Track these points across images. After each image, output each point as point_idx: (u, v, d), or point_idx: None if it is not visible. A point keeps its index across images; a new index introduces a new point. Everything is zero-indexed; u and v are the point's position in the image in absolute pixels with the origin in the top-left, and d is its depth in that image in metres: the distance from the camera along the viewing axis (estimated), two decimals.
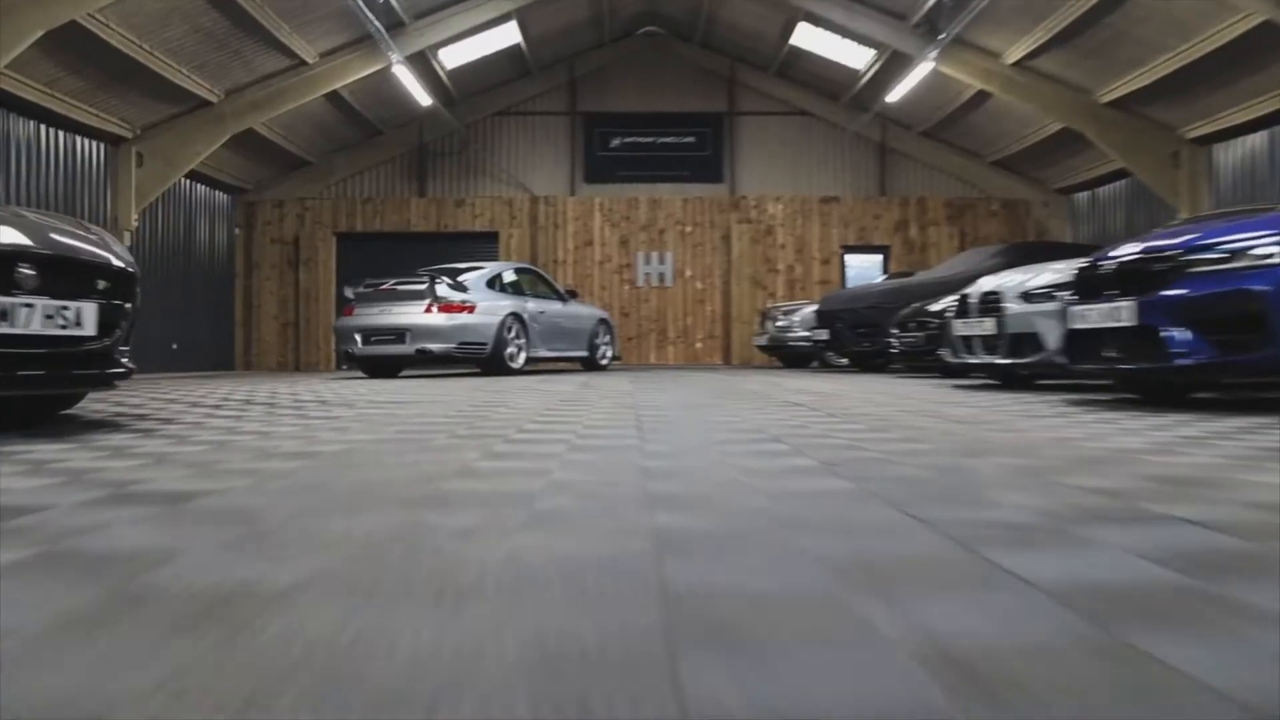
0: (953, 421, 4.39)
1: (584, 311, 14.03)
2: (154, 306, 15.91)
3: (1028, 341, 7.03)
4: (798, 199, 19.94)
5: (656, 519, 1.91)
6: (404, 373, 12.58)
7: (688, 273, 19.82)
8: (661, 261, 19.76)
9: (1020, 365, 7.24)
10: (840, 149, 20.32)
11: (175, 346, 16.59)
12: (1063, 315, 6.03)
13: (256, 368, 19.20)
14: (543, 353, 12.58)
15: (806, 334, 14.62)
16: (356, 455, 3.16)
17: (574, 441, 3.48)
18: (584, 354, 13.72)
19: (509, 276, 12.71)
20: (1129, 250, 5.49)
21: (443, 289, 11.25)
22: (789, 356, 16.48)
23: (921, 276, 13.07)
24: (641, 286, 19.73)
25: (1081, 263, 6.02)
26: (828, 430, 3.93)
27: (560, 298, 13.54)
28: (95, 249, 4.23)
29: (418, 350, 11.09)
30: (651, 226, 19.81)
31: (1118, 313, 5.22)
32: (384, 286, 11.56)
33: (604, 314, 14.59)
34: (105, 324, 4.11)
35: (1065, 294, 6.27)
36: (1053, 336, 6.60)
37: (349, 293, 11.83)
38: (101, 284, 4.13)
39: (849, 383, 9.19)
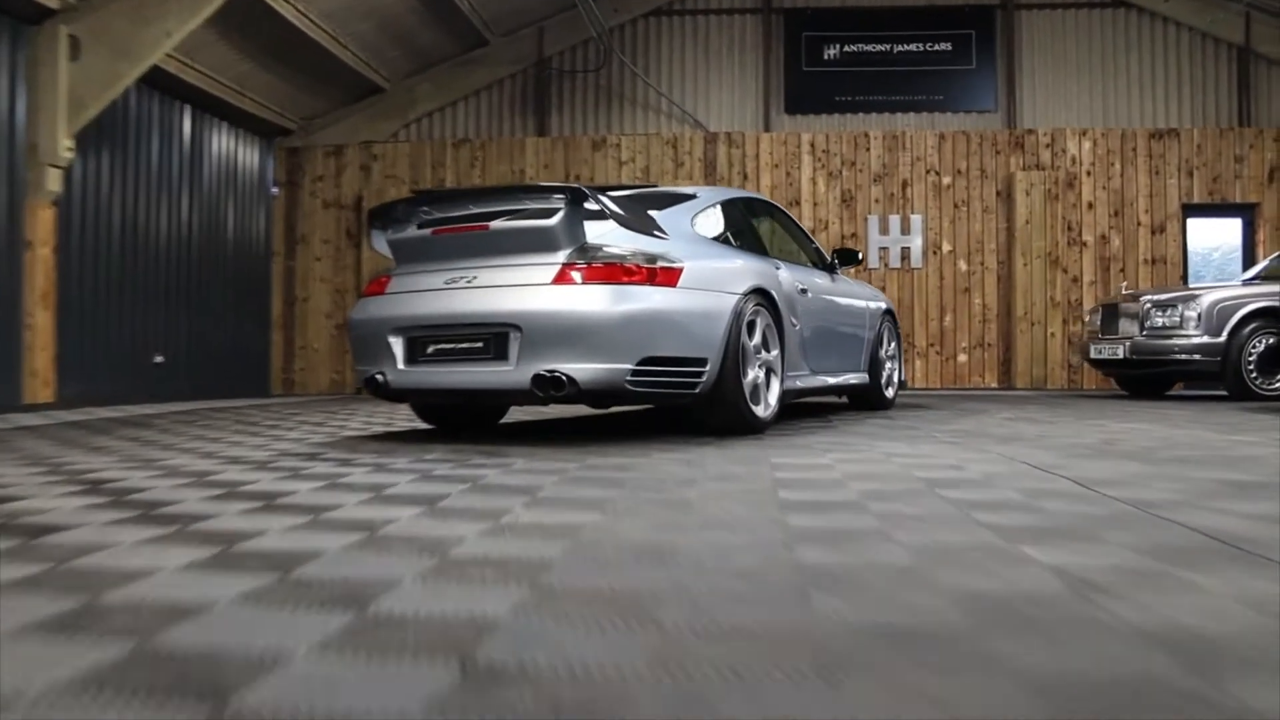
0: None
1: (861, 294, 7.02)
2: (106, 296, 9.76)
3: None
4: (1113, 134, 12.89)
5: None
6: (504, 418, 6.03)
7: (945, 246, 12.90)
8: (905, 230, 12.88)
9: None
10: (1178, 57, 13.25)
11: (159, 359, 10.45)
12: None
13: (301, 387, 13.03)
14: (804, 381, 5.63)
15: (1209, 340, 8.88)
16: None
17: None
18: (860, 378, 6.84)
19: (731, 215, 5.68)
20: None
21: (601, 228, 4.38)
22: (1135, 379, 10.20)
23: None
24: (875, 268, 12.86)
25: None
26: None
27: (824, 266, 6.71)
28: None
29: (537, 379, 4.10)
30: (889, 177, 12.95)
31: None
32: (461, 217, 4.53)
33: (887, 301, 7.60)
34: None
35: None
36: None
37: (378, 241, 4.81)
38: None
39: None
